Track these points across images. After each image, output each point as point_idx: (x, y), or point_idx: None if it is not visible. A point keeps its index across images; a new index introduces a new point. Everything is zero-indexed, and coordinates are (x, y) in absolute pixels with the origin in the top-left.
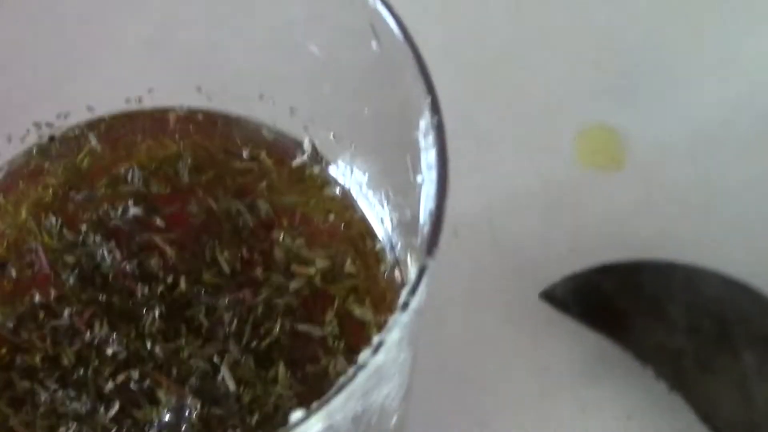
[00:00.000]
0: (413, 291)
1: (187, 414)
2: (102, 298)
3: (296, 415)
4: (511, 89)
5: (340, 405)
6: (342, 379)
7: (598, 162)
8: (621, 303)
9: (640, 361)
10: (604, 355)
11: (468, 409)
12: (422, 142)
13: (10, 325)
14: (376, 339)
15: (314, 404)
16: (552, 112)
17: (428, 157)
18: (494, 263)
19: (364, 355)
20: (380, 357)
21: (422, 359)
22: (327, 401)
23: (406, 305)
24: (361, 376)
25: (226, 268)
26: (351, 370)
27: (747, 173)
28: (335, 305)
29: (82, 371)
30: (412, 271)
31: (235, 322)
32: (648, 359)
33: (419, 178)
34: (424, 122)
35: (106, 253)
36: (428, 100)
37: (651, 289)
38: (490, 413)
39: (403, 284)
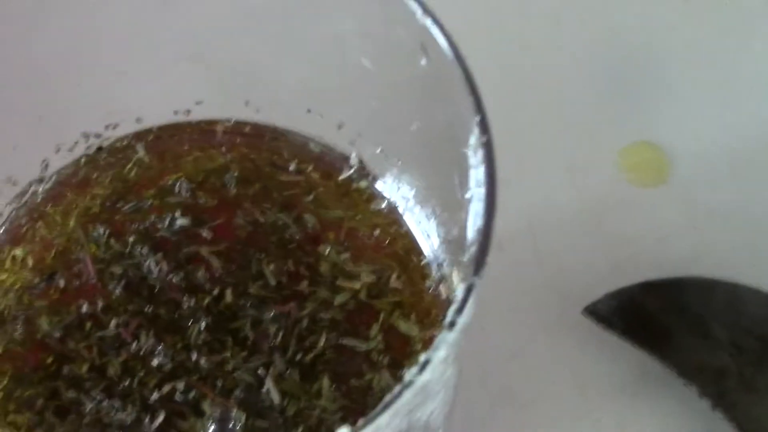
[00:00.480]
0: (460, 310)
1: (231, 426)
2: (148, 309)
3: (341, 431)
4: (556, 103)
5: (386, 422)
6: (388, 397)
7: (641, 178)
8: (664, 320)
9: (683, 379)
10: (646, 373)
11: (508, 424)
12: (471, 160)
13: (57, 334)
14: (422, 357)
15: (360, 421)
16: (596, 127)
17: (477, 174)
18: (537, 278)
19: (410, 373)
20: (426, 375)
21: (463, 372)
22: (373, 418)
23: (453, 324)
24: (407, 394)
25: (272, 281)
26: (397, 388)
27: None
28: (380, 320)
29: (127, 382)
30: (457, 288)
31: (281, 335)
32: (691, 377)
33: (467, 195)
34: (473, 140)
35: (152, 264)
36: (478, 118)
37: (694, 306)
38: (530, 429)
39: (448, 300)
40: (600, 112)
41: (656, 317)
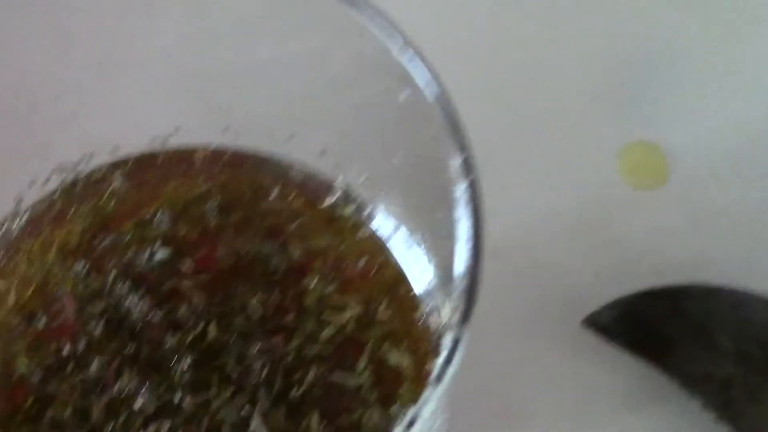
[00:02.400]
0: (447, 362)
1: None
2: (130, 348)
3: None
4: (551, 105)
5: None
6: None
7: (640, 179)
8: (666, 330)
9: (686, 390)
10: (649, 384)
11: None
12: (455, 200)
13: (38, 376)
14: (409, 413)
15: None
16: (592, 128)
17: (462, 216)
18: (535, 286)
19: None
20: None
21: (458, 384)
22: None
23: (440, 377)
24: None
25: (256, 314)
26: None
27: None
28: (369, 353)
29: (110, 425)
30: (446, 325)
31: (266, 370)
32: (694, 388)
33: (454, 229)
34: (458, 180)
35: (133, 301)
36: (462, 158)
37: (697, 315)
38: None
39: (439, 332)
40: (598, 113)
41: (658, 326)
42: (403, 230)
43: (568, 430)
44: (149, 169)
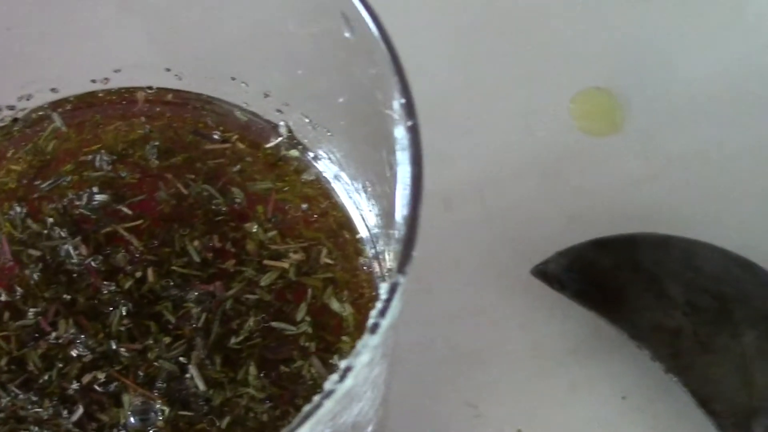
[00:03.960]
0: (383, 311)
1: (153, 416)
2: (67, 295)
3: None
4: (505, 51)
5: None
6: (307, 408)
7: (594, 126)
8: (616, 280)
9: (635, 340)
10: (599, 334)
11: (455, 387)
12: (397, 141)
13: None
14: (343, 364)
15: None
16: (547, 74)
17: (403, 158)
18: (486, 236)
19: (330, 381)
20: (348, 382)
21: (408, 334)
22: (292, 431)
23: (375, 327)
24: (328, 404)
25: (196, 258)
26: (316, 398)
27: (751, 141)
28: (311, 299)
29: (46, 375)
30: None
31: (205, 317)
32: (644, 340)
33: (395, 176)
34: (399, 121)
35: (71, 246)
36: (403, 101)
37: (648, 264)
38: (479, 391)
39: (383, 277)
40: (552, 59)
41: (609, 276)
42: (347, 175)
43: (517, 378)
44: (89, 110)
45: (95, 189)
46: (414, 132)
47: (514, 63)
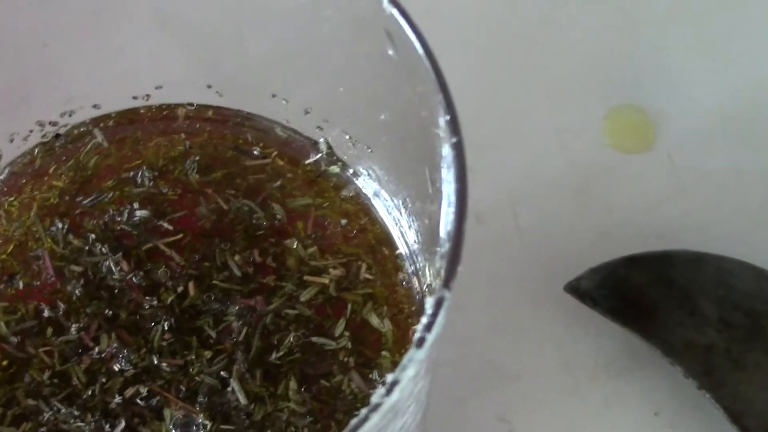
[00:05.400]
0: (430, 326)
1: (195, 430)
2: (109, 311)
3: None
4: (538, 68)
5: None
6: (354, 422)
7: (626, 143)
8: (649, 296)
9: (668, 357)
10: (632, 350)
11: (488, 402)
12: (441, 158)
13: (16, 338)
14: (390, 378)
15: None
16: (580, 91)
17: (447, 176)
18: (518, 252)
19: (377, 395)
20: (395, 396)
21: (441, 349)
22: None
23: (422, 341)
24: (375, 417)
25: (237, 272)
26: (363, 412)
27: None
28: (350, 314)
29: (89, 389)
30: (431, 286)
31: (245, 331)
32: (677, 356)
33: (438, 190)
34: (444, 139)
35: (113, 262)
36: (447, 118)
37: (681, 281)
38: (512, 406)
39: (422, 293)
40: (585, 76)
41: (641, 293)
42: (387, 191)
43: (553, 393)
44: (130, 126)
45: (136, 205)
46: (458, 149)
47: (547, 80)
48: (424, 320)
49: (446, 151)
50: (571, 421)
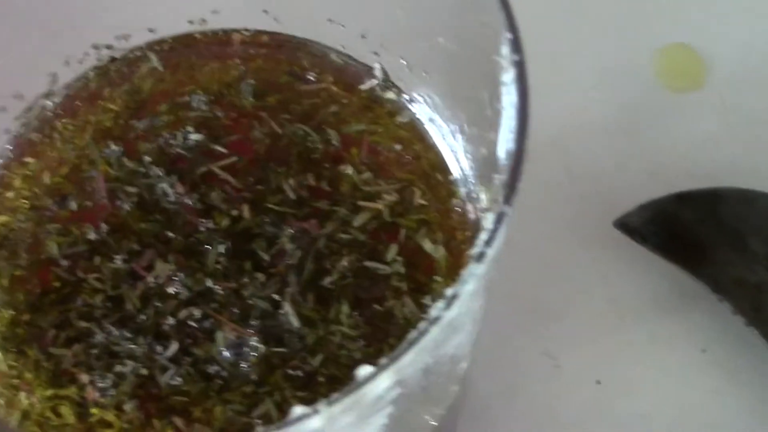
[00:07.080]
0: (489, 241)
1: (248, 351)
2: (163, 234)
3: (364, 371)
4: (588, 7)
5: (411, 360)
6: (413, 334)
7: (677, 82)
8: (698, 233)
9: (717, 294)
10: (679, 287)
11: (535, 338)
12: (502, 78)
13: (70, 260)
14: (450, 291)
15: (384, 360)
16: (631, 29)
17: (508, 94)
18: (567, 189)
19: (437, 308)
20: (454, 311)
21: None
22: (397, 357)
23: (481, 256)
24: (434, 331)
25: (291, 195)
26: (423, 325)
27: None
28: (404, 240)
29: (141, 312)
30: (486, 215)
31: (299, 255)
32: (725, 293)
33: (497, 114)
34: (505, 58)
35: (167, 185)
36: (510, 36)
37: (731, 219)
38: (558, 342)
39: (476, 219)
40: (637, 13)
41: (691, 230)
42: (444, 117)
43: (597, 331)
44: (186, 51)
45: (190, 129)
46: (520, 66)
47: (598, 17)
48: (484, 236)
49: (509, 70)
50: (617, 357)
